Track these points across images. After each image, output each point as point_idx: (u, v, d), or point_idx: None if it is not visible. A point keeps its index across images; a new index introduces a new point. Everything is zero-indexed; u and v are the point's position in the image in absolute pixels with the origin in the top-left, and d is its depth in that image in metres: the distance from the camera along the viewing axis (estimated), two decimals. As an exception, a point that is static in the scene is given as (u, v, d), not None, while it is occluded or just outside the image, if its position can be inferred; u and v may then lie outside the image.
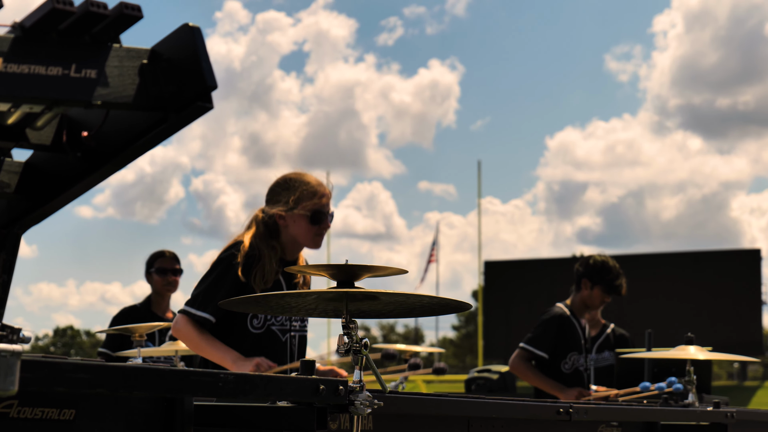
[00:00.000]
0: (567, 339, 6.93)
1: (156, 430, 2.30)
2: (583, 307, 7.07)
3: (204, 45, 1.66)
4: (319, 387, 2.34)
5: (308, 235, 4.69)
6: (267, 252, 4.60)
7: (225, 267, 4.58)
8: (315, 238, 4.71)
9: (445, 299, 3.16)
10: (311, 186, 4.72)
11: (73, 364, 1.89)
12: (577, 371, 6.93)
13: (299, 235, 4.69)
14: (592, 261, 7.08)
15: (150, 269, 7.60)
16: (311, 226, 4.67)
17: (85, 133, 1.73)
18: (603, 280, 7.01)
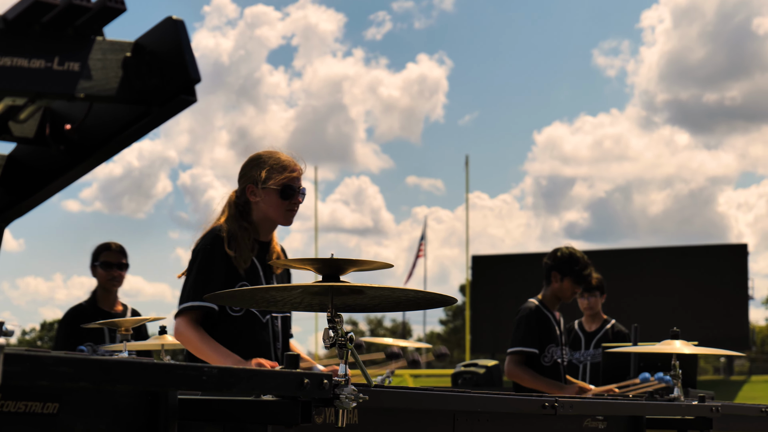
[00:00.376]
0: (545, 332, 6.92)
1: (140, 423, 2.30)
2: (554, 300, 7.05)
3: (188, 38, 1.66)
4: (304, 381, 2.34)
5: (279, 210, 4.65)
6: (240, 233, 4.57)
7: (208, 252, 4.54)
8: (286, 214, 4.67)
9: (430, 293, 3.16)
10: (282, 161, 4.68)
11: (56, 357, 1.88)
12: (555, 364, 6.93)
13: (270, 211, 4.65)
14: (560, 253, 7.06)
15: (95, 262, 7.23)
16: (282, 201, 4.63)
17: (68, 126, 1.72)
18: (572, 272, 6.98)
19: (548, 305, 7.03)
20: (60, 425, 2.14)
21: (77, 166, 1.77)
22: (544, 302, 7.04)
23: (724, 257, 37.60)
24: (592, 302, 8.73)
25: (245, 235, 4.59)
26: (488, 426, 3.96)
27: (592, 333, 8.76)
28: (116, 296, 7.30)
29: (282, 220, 4.69)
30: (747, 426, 6.19)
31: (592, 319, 8.82)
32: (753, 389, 44.63)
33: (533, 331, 6.88)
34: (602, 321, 8.82)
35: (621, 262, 36.20)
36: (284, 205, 4.65)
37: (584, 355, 8.67)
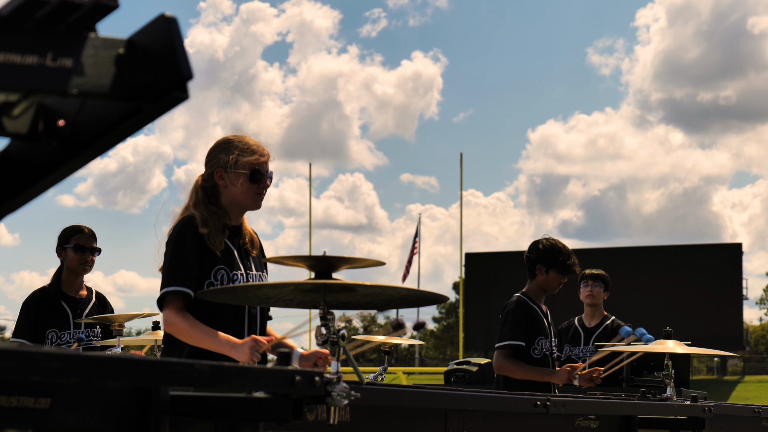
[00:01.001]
0: (533, 325, 6.87)
1: (132, 419, 2.30)
2: (540, 293, 7.00)
3: (180, 35, 1.66)
4: (295, 378, 2.34)
5: (248, 193, 4.63)
6: (210, 217, 4.54)
7: (180, 238, 4.51)
8: (255, 197, 4.65)
9: (422, 291, 3.17)
10: (250, 145, 4.70)
11: (47, 353, 1.89)
12: (545, 356, 6.90)
13: (239, 195, 4.63)
14: (542, 246, 7.01)
15: (65, 245, 6.95)
16: (251, 185, 4.62)
17: (61, 122, 1.72)
18: (557, 263, 6.93)
19: (534, 298, 6.97)
20: (52, 420, 2.14)
21: (70, 162, 1.78)
22: (529, 295, 6.98)
23: (718, 257, 37.66)
24: (595, 292, 8.71)
25: (215, 218, 4.55)
26: (480, 424, 3.97)
27: (592, 329, 8.75)
28: (82, 282, 7.09)
29: (251, 204, 4.66)
30: (739, 426, 6.21)
31: (592, 314, 8.81)
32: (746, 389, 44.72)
33: (520, 324, 6.82)
34: (602, 317, 8.81)
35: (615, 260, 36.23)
36: (253, 189, 4.63)
37: (584, 351, 8.66)
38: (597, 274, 8.77)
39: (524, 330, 6.82)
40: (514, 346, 6.81)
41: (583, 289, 8.74)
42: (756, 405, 6.32)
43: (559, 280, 6.96)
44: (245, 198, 4.63)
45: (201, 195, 4.63)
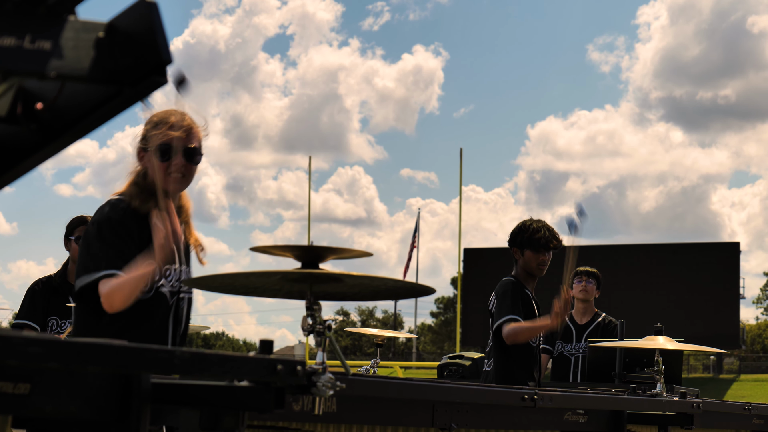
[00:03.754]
0: (526, 306, 6.78)
1: (113, 406, 2.29)
2: (526, 276, 6.89)
3: (161, 20, 1.66)
4: (277, 367, 2.33)
5: (159, 174, 4.07)
6: (139, 198, 4.12)
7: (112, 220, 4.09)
8: (167, 178, 4.09)
9: (408, 283, 3.17)
10: (164, 117, 4.14)
11: (25, 337, 1.88)
12: (529, 343, 6.81)
13: (153, 174, 4.11)
14: (513, 229, 6.96)
15: (70, 236, 6.82)
16: (160, 163, 4.09)
17: (39, 105, 1.72)
18: (524, 240, 6.83)
19: (523, 283, 6.87)
20: (31, 406, 2.13)
21: (49, 145, 1.77)
22: (518, 279, 6.89)
23: (716, 255, 37.64)
24: (588, 288, 8.71)
25: (142, 199, 4.11)
26: (467, 417, 3.96)
27: (584, 326, 8.76)
28: None
29: (165, 184, 4.08)
30: (729, 423, 6.21)
31: (584, 311, 8.82)
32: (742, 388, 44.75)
33: (517, 302, 6.73)
34: (594, 314, 8.82)
35: (613, 258, 36.23)
36: (164, 167, 4.10)
37: (575, 347, 8.67)
38: (590, 271, 8.78)
39: (520, 308, 6.72)
40: (515, 320, 6.66)
41: (576, 285, 8.75)
42: (746, 402, 6.32)
43: (537, 259, 6.82)
44: (158, 178, 4.07)
45: (134, 178, 4.21)
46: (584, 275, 8.76)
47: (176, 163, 4.11)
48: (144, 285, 3.95)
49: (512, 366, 6.72)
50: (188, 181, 4.21)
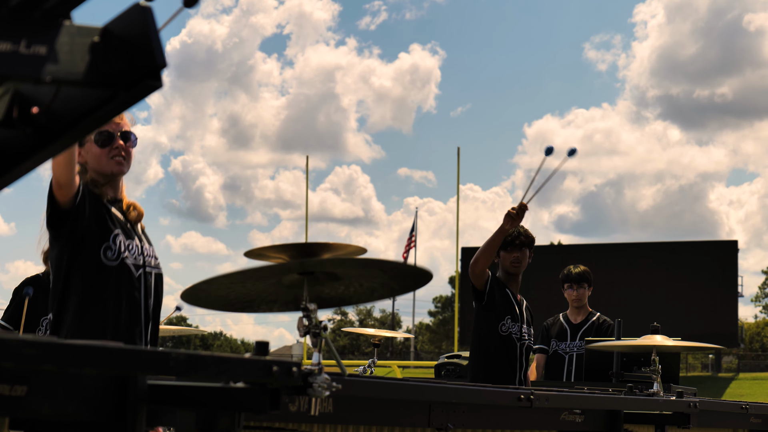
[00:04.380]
0: (502, 301, 7.06)
1: (109, 407, 2.30)
2: (507, 277, 7.22)
3: (155, 24, 1.66)
4: (272, 368, 2.34)
5: (102, 159, 4.46)
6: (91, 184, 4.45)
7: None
8: (110, 161, 4.46)
9: (404, 264, 3.11)
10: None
11: (21, 340, 1.89)
12: (510, 337, 6.99)
13: (95, 163, 4.47)
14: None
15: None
16: (101, 150, 4.45)
17: (35, 108, 1.73)
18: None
19: (504, 282, 7.19)
20: (28, 407, 2.14)
21: (45, 149, 1.78)
22: (500, 279, 7.21)
23: (714, 254, 37.66)
24: (580, 293, 8.75)
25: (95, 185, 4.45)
26: (464, 417, 3.97)
27: (578, 324, 8.79)
28: None
29: (108, 167, 4.47)
30: (727, 423, 6.22)
31: (578, 311, 8.85)
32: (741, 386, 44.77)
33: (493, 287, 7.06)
34: (588, 313, 8.85)
35: (610, 256, 36.26)
36: (105, 153, 4.47)
37: (570, 346, 8.69)
38: (580, 274, 8.80)
39: (495, 298, 7.03)
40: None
41: (569, 292, 8.81)
42: (744, 401, 6.33)
43: (510, 257, 7.18)
44: (101, 164, 4.46)
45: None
46: (575, 282, 8.79)
47: (117, 146, 4.47)
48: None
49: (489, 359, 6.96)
50: (129, 162, 4.53)
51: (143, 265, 4.47)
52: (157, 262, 4.58)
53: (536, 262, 22.96)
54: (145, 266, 4.47)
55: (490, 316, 7.07)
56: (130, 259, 4.42)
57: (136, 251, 4.45)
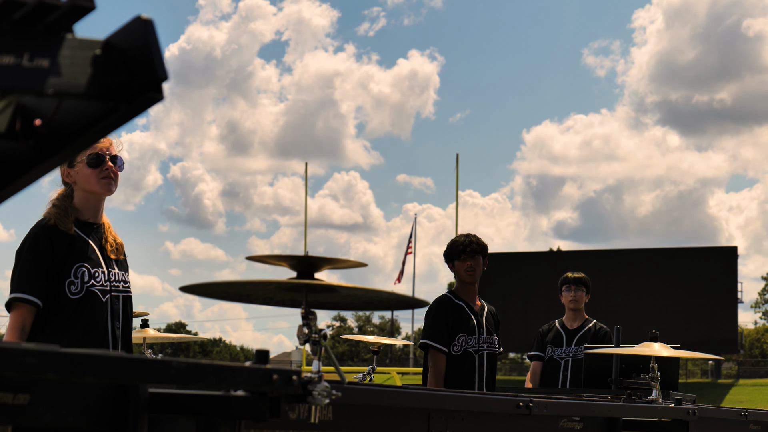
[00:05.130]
0: (451, 323, 7.09)
1: (110, 416, 2.32)
2: (462, 286, 7.27)
3: (156, 37, 1.68)
4: (272, 376, 2.36)
5: (92, 179, 4.70)
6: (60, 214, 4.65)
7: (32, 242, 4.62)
8: (101, 181, 4.72)
9: (402, 296, 3.19)
10: None
11: (23, 349, 1.90)
12: (466, 352, 7.02)
13: (86, 184, 4.71)
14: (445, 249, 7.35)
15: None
16: (93, 171, 4.67)
17: (38, 121, 1.75)
18: (449, 253, 7.24)
19: (460, 295, 7.21)
20: (30, 416, 2.16)
21: (47, 161, 1.80)
22: (455, 293, 7.24)
23: (713, 260, 37.66)
24: (578, 296, 8.77)
25: (65, 216, 4.65)
26: (463, 425, 3.99)
27: (574, 330, 8.81)
28: None
29: (99, 188, 4.72)
30: (726, 430, 6.23)
31: (574, 317, 8.87)
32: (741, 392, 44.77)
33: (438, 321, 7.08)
34: (584, 320, 8.87)
35: (610, 262, 36.26)
36: (96, 174, 4.69)
37: (566, 351, 8.72)
38: (579, 278, 8.85)
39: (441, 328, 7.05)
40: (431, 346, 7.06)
41: (566, 293, 8.83)
42: (743, 408, 6.34)
43: (463, 267, 7.21)
44: (91, 184, 4.70)
45: (57, 200, 4.74)
46: (573, 284, 8.83)
47: (107, 168, 4.71)
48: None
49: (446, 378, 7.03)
50: (116, 184, 4.78)
51: (110, 290, 4.70)
52: (126, 286, 4.82)
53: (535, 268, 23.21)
54: (111, 291, 4.71)
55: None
56: (97, 286, 4.65)
57: (102, 277, 4.68)
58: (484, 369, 7.11)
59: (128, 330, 4.80)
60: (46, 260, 4.55)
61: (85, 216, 4.73)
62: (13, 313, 4.54)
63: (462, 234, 7.37)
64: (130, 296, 4.84)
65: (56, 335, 4.55)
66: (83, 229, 4.70)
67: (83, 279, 4.60)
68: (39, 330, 4.55)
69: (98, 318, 4.62)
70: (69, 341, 4.47)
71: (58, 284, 4.57)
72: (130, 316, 4.81)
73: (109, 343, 4.63)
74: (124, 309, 4.75)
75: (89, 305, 4.60)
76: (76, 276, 4.59)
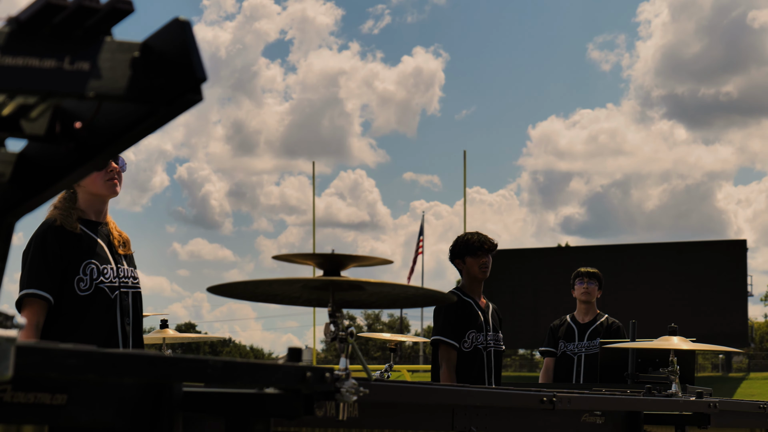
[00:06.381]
0: (461, 319, 7.09)
1: (145, 415, 2.34)
2: (471, 283, 7.26)
3: (194, 38, 1.70)
4: (306, 374, 2.38)
5: (98, 182, 4.73)
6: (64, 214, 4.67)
7: (39, 240, 4.64)
8: (106, 183, 4.77)
9: (430, 291, 3.20)
10: None
11: (65, 350, 1.92)
12: (476, 349, 7.03)
13: (90, 186, 4.75)
14: (450, 247, 7.33)
15: None
16: (98, 173, 4.71)
17: (78, 124, 1.76)
18: (462, 249, 7.22)
19: (468, 292, 7.20)
20: (67, 416, 2.18)
21: (86, 164, 1.81)
22: (462, 290, 7.23)
23: (722, 253, 37.56)
24: (590, 289, 8.77)
25: (69, 216, 4.68)
26: (487, 420, 4.00)
27: (586, 324, 8.81)
28: None
29: (104, 190, 4.76)
30: (745, 422, 6.23)
31: (586, 311, 8.87)
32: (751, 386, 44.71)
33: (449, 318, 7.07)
34: (596, 314, 8.88)
35: (618, 257, 36.22)
36: (101, 176, 4.73)
37: (578, 346, 8.72)
38: (592, 272, 8.86)
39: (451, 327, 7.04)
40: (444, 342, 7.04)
41: (578, 286, 8.84)
42: (762, 401, 6.34)
43: (478, 263, 7.18)
44: (97, 186, 4.74)
45: (59, 202, 4.76)
46: (585, 276, 8.84)
47: (111, 170, 4.75)
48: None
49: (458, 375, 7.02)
50: (120, 185, 4.82)
51: (119, 286, 4.72)
52: (135, 282, 4.83)
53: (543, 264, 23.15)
54: (120, 287, 4.72)
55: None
56: (106, 283, 4.68)
57: (111, 274, 4.70)
58: (492, 365, 7.15)
59: (138, 326, 4.81)
60: (54, 258, 4.56)
61: (90, 216, 4.77)
62: (26, 310, 4.54)
63: (469, 232, 7.38)
64: (140, 292, 4.85)
65: (66, 333, 4.55)
66: (89, 227, 4.73)
67: (92, 276, 4.61)
68: (48, 327, 4.56)
69: (108, 314, 4.64)
70: (78, 338, 4.48)
71: (66, 282, 4.58)
72: (140, 311, 4.82)
73: (119, 340, 4.64)
74: (134, 305, 4.77)
75: (98, 302, 4.61)
76: (84, 273, 4.61)
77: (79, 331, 4.54)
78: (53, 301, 4.55)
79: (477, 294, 7.23)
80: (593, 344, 8.62)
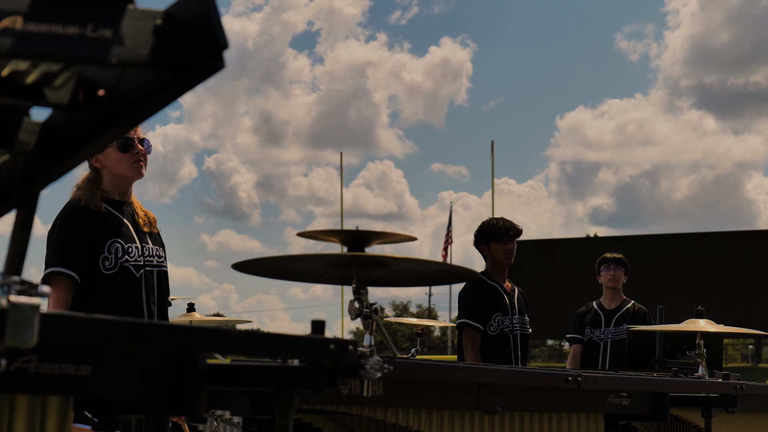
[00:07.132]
0: (487, 302, 7.15)
1: (169, 387, 2.35)
2: (495, 268, 7.31)
3: (216, 6, 1.70)
4: (329, 346, 2.38)
5: (123, 163, 4.78)
6: (88, 195, 4.72)
7: (65, 219, 4.68)
8: (132, 166, 4.81)
9: (455, 266, 3.20)
10: None
11: (89, 318, 1.94)
12: (502, 332, 7.06)
13: (116, 169, 4.80)
14: (475, 232, 7.40)
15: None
16: (123, 155, 4.76)
17: (101, 91, 1.77)
18: (488, 235, 7.29)
19: (493, 276, 7.26)
20: (92, 387, 2.19)
21: (109, 132, 1.82)
22: (487, 274, 7.27)
23: (752, 243, 37.33)
24: (617, 275, 8.77)
25: (93, 196, 4.72)
26: (512, 400, 4.00)
27: (613, 311, 8.80)
28: None
29: (130, 172, 4.81)
30: (772, 407, 6.20)
31: (612, 297, 8.86)
32: (781, 376, 44.41)
33: (475, 301, 7.16)
34: (622, 300, 8.86)
35: (647, 247, 36.08)
36: (127, 158, 4.79)
37: (605, 332, 8.70)
38: (618, 258, 8.86)
39: (477, 310, 7.11)
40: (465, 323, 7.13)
41: (605, 272, 8.82)
42: (789, 386, 6.31)
43: (503, 248, 7.28)
44: (123, 169, 4.79)
45: (83, 183, 4.81)
46: (612, 263, 8.83)
47: (137, 152, 4.80)
48: None
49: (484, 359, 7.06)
50: (146, 167, 4.86)
51: (144, 265, 4.74)
52: (160, 261, 4.86)
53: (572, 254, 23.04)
54: (145, 266, 4.75)
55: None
56: (131, 262, 4.71)
57: (135, 252, 4.74)
58: (518, 349, 7.17)
59: (164, 304, 4.82)
60: (79, 236, 4.60)
61: (114, 197, 4.80)
62: (52, 288, 4.56)
63: (494, 218, 7.44)
64: (165, 270, 4.88)
65: (91, 310, 4.55)
66: (114, 207, 4.76)
67: (117, 254, 4.65)
68: (73, 306, 4.58)
69: (133, 293, 4.66)
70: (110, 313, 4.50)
71: (92, 261, 4.62)
72: (165, 290, 4.85)
73: (145, 317, 4.63)
74: (159, 283, 4.79)
75: (123, 281, 4.64)
76: (110, 252, 4.64)
77: (104, 309, 4.56)
78: (79, 280, 4.58)
79: (502, 279, 7.27)
80: (620, 330, 8.60)
